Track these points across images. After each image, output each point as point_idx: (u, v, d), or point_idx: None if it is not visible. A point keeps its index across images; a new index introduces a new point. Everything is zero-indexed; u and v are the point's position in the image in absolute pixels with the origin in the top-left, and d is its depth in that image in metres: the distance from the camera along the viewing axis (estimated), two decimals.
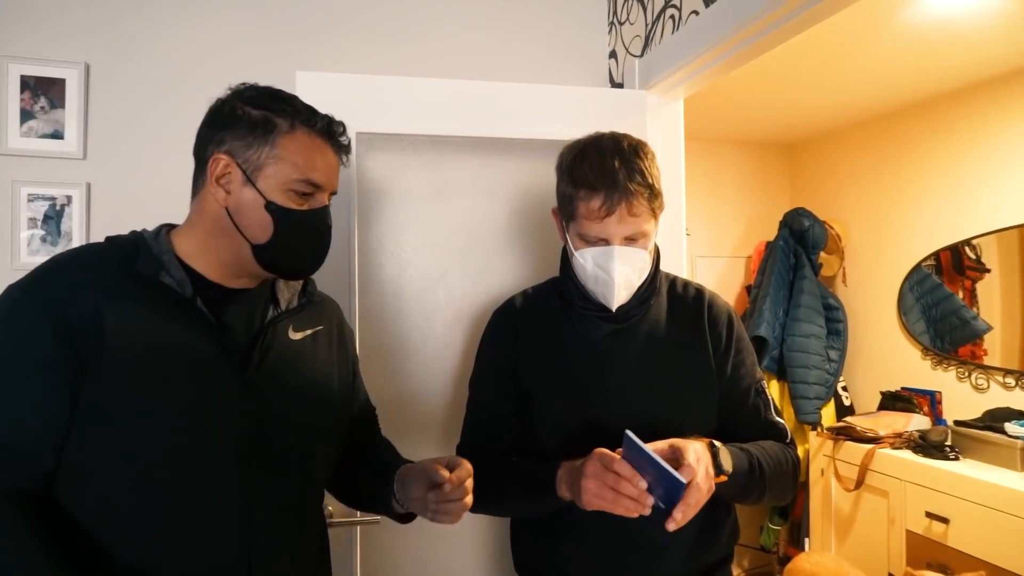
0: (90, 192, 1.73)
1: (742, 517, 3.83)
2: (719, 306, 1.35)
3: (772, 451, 1.24)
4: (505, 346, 1.36)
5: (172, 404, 0.97)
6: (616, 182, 1.16)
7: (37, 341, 0.91)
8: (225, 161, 1.02)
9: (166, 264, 1.02)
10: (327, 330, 1.20)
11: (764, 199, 3.94)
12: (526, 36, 2.03)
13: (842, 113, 3.41)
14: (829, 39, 2.46)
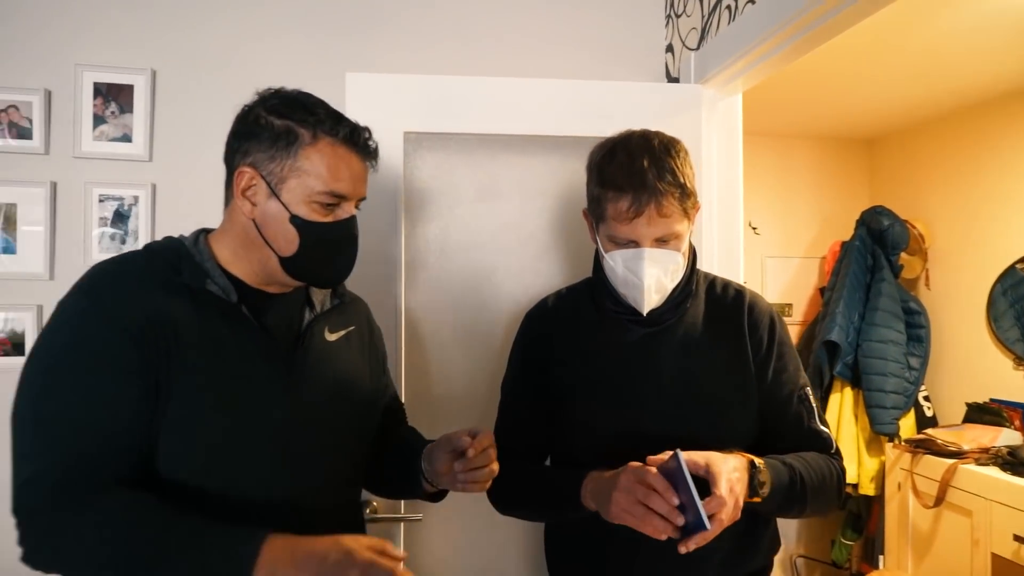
0: (155, 193, 1.80)
1: (813, 530, 3.68)
2: (760, 308, 1.29)
3: (816, 464, 1.17)
4: (536, 349, 1.34)
5: (224, 407, 0.99)
6: (645, 182, 1.12)
7: (115, 346, 0.94)
8: (250, 174, 1.03)
9: (210, 272, 1.04)
10: (358, 330, 1.22)
11: (840, 197, 3.75)
12: (580, 32, 1.99)
13: (928, 104, 3.20)
14: (911, 22, 2.30)
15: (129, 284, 0.99)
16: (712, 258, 1.78)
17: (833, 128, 3.64)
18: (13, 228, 1.74)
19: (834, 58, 2.66)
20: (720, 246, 1.80)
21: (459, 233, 1.74)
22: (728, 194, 1.82)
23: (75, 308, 0.98)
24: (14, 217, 1.74)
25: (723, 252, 1.80)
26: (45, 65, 1.76)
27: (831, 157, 3.78)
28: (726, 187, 1.81)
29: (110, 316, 0.95)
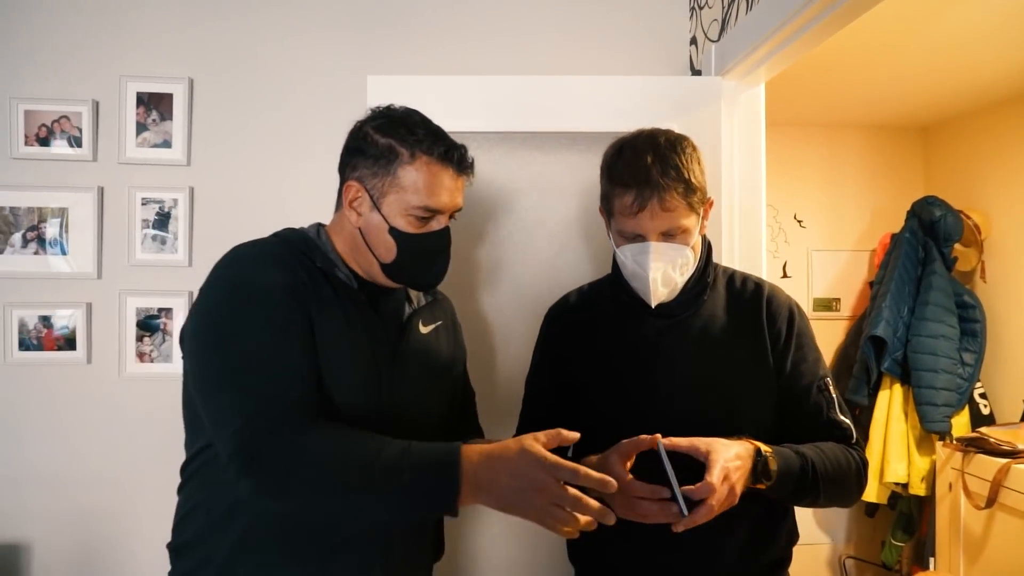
0: (193, 195, 1.90)
1: (863, 531, 3.58)
2: (779, 300, 1.29)
3: (832, 453, 1.17)
4: (556, 344, 1.38)
5: (347, 384, 1.09)
6: (648, 178, 1.16)
7: (286, 306, 1.04)
8: (356, 187, 1.14)
9: (335, 262, 1.16)
10: (445, 324, 1.33)
11: (893, 188, 3.61)
12: (604, 27, 1.99)
13: (985, 89, 3.05)
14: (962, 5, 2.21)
15: (278, 260, 1.10)
16: (733, 250, 1.76)
17: (885, 116, 3.51)
18: (66, 231, 1.87)
19: (882, 43, 2.57)
20: (742, 238, 1.77)
21: (476, 231, 1.77)
22: (750, 186, 1.79)
23: (240, 279, 1.07)
24: (67, 221, 1.87)
25: (744, 244, 1.77)
26: (92, 77, 1.88)
27: (883, 146, 3.65)
28: (748, 179, 1.79)
29: (274, 282, 1.05)
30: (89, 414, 1.88)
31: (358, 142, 1.15)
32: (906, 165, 3.65)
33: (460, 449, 0.94)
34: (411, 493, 0.93)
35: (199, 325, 1.07)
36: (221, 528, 1.08)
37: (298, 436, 0.95)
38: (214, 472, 1.08)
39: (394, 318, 1.21)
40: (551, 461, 0.91)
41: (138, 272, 1.89)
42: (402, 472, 0.92)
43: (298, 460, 0.93)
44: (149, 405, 1.88)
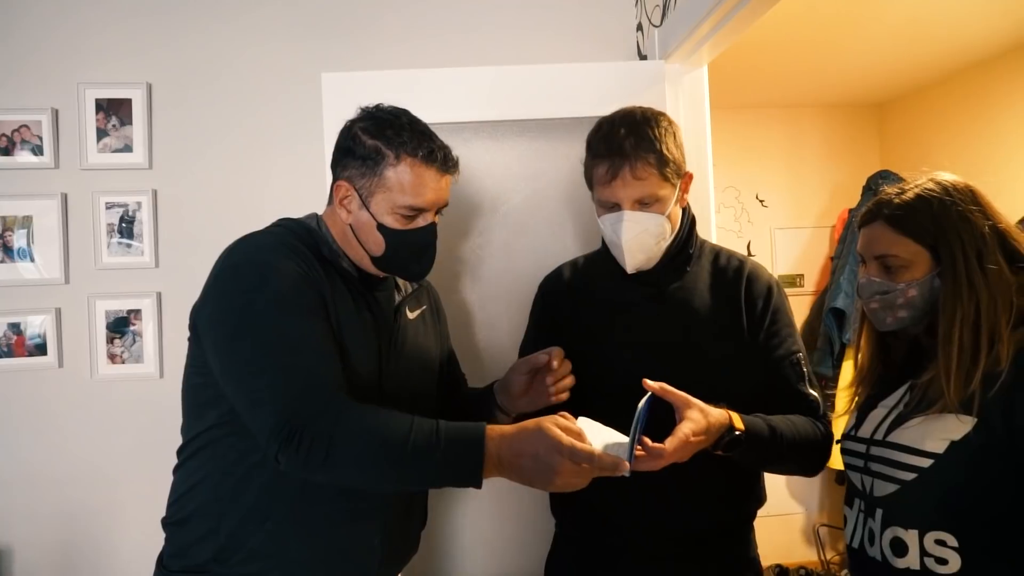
0: (156, 198, 1.94)
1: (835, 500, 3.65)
2: (759, 277, 1.37)
3: (800, 425, 1.25)
4: (550, 311, 1.47)
5: (358, 367, 1.16)
6: (622, 149, 1.25)
7: (309, 294, 1.11)
8: (346, 187, 1.20)
9: (338, 252, 1.23)
10: (429, 309, 1.41)
11: (850, 164, 3.71)
12: (554, 17, 2.04)
13: (933, 64, 3.16)
14: None
15: (294, 248, 1.15)
16: None
17: (841, 94, 3.61)
18: (32, 238, 1.90)
19: (834, 23, 2.65)
20: None
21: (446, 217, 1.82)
22: (696, 165, 1.83)
23: (263, 265, 1.11)
24: (32, 228, 1.90)
25: None
26: (50, 85, 1.91)
27: (839, 124, 3.75)
28: (694, 158, 1.84)
29: (295, 268, 1.11)
30: (63, 417, 1.91)
31: (347, 142, 1.20)
32: (862, 141, 3.75)
33: (485, 429, 1.01)
34: (442, 467, 1.00)
35: (224, 309, 1.11)
36: (229, 501, 1.14)
37: (340, 413, 1.01)
38: (221, 449, 1.15)
39: (388, 305, 1.28)
40: (567, 446, 0.97)
41: (105, 276, 1.92)
42: (435, 448, 0.99)
43: (342, 436, 0.99)
44: (123, 405, 1.91)
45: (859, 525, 1.17)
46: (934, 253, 1.10)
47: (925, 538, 1.05)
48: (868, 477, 1.15)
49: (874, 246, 1.15)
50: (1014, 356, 1.02)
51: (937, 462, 1.04)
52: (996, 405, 1.01)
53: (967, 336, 1.05)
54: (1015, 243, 1.10)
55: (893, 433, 1.12)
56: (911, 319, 1.14)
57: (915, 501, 1.07)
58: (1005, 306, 1.06)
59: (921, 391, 1.11)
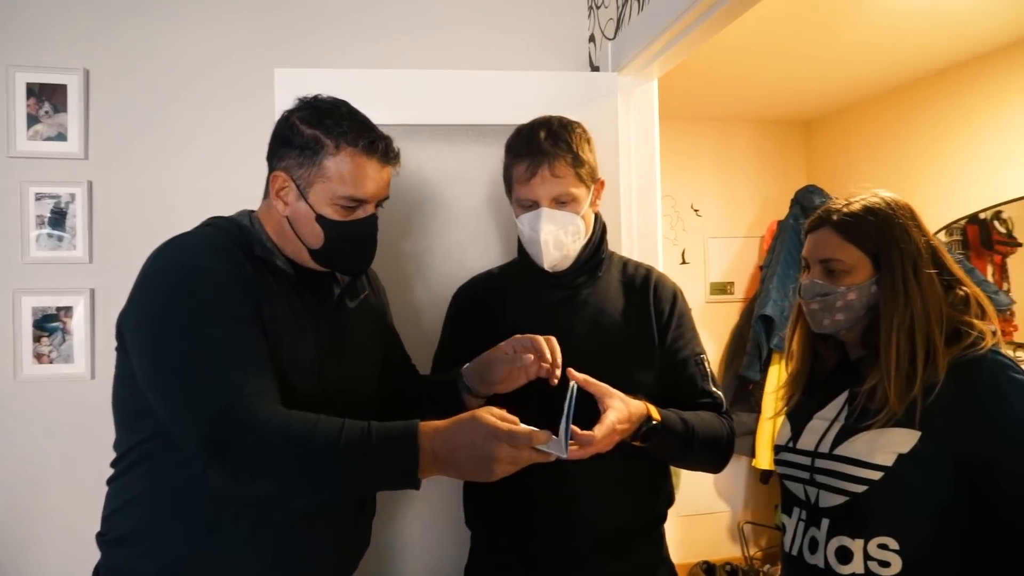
0: (91, 190, 1.85)
1: (759, 498, 3.81)
2: (665, 285, 1.44)
3: (708, 421, 1.30)
4: (467, 317, 1.49)
5: (298, 368, 1.12)
6: (541, 148, 1.31)
7: (238, 298, 1.06)
8: (283, 178, 1.16)
9: (272, 250, 1.18)
10: (370, 292, 1.37)
11: (779, 177, 3.89)
12: (509, 25, 2.07)
13: (859, 86, 3.35)
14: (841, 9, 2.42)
15: (222, 249, 1.10)
16: (632, 238, 1.88)
17: (771, 111, 3.78)
18: None
19: (766, 43, 2.78)
20: (639, 226, 1.89)
21: (388, 221, 1.80)
22: (645, 176, 1.91)
23: (188, 268, 1.06)
24: None
25: (641, 230, 1.90)
26: None
27: (769, 139, 3.92)
28: (643, 169, 1.91)
29: (222, 271, 1.06)
30: None
31: (285, 132, 1.16)
32: (790, 157, 3.94)
33: (418, 426, 0.98)
34: (376, 468, 0.98)
35: (147, 316, 1.06)
36: (171, 516, 1.09)
37: (265, 424, 0.96)
38: (159, 463, 1.09)
39: (327, 300, 1.25)
40: (505, 430, 0.97)
41: (33, 270, 1.82)
42: (367, 449, 0.96)
43: (269, 445, 0.96)
44: (51, 407, 1.82)
45: (799, 534, 1.20)
46: (875, 261, 1.16)
47: (869, 544, 1.09)
48: (813, 488, 1.18)
49: (820, 250, 1.21)
50: (948, 371, 1.07)
51: (887, 474, 1.08)
52: (939, 416, 1.06)
53: (903, 341, 1.11)
54: (944, 259, 1.17)
55: (840, 446, 1.15)
56: (847, 322, 1.19)
57: (865, 512, 1.11)
58: (937, 317, 1.11)
59: (863, 400, 1.15)
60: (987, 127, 2.91)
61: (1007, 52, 2.81)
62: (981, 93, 2.94)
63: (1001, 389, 1.05)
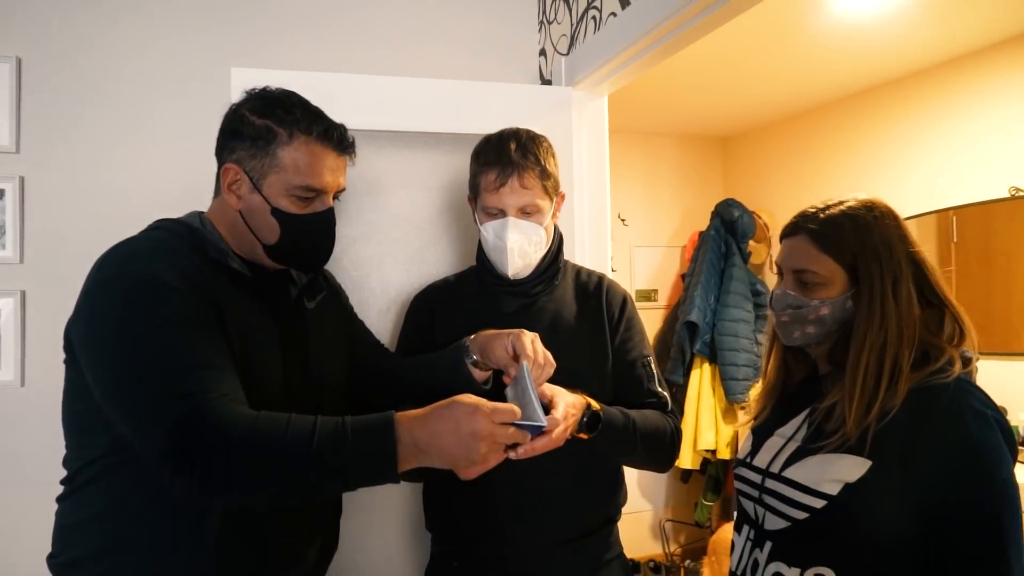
0: (23, 185, 1.74)
1: (679, 496, 3.98)
2: (615, 291, 1.52)
3: (652, 418, 1.37)
4: (425, 319, 1.51)
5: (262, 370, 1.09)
6: (511, 159, 1.35)
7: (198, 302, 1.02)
8: (234, 170, 1.12)
9: (225, 252, 1.13)
10: (328, 293, 1.35)
11: (699, 191, 4.10)
12: (462, 33, 2.10)
13: (773, 108, 3.59)
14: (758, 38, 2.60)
15: (174, 253, 1.06)
16: (584, 247, 1.96)
17: (692, 127, 3.98)
18: None
19: (691, 66, 2.94)
20: (590, 235, 1.97)
21: (347, 226, 1.80)
22: (596, 187, 1.99)
23: (140, 275, 1.01)
24: None
25: (593, 241, 1.97)
26: None
27: (691, 154, 4.13)
28: (594, 180, 1.99)
29: (175, 277, 1.01)
30: None
31: (234, 124, 1.13)
32: (709, 171, 4.16)
33: (394, 417, 0.95)
34: (353, 464, 0.94)
35: (99, 326, 1.00)
36: (134, 534, 1.04)
37: (233, 429, 0.92)
38: (119, 479, 1.04)
39: (286, 301, 1.22)
40: (490, 407, 0.96)
41: None
42: (340, 449, 0.92)
43: (237, 452, 0.91)
44: None
45: (745, 553, 1.16)
46: (852, 274, 1.08)
47: (806, 573, 1.03)
48: (761, 508, 1.13)
49: (793, 259, 1.14)
50: (907, 396, 1.00)
51: (830, 504, 1.01)
52: (892, 445, 0.99)
53: (873, 363, 1.03)
54: (927, 273, 1.09)
55: (789, 469, 1.09)
56: (816, 336, 1.13)
57: (804, 540, 1.05)
58: (909, 340, 1.04)
59: (820, 418, 1.08)
60: (882, 150, 3.19)
61: (901, 84, 3.09)
62: (877, 119, 3.23)
63: (962, 418, 0.96)
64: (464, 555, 1.42)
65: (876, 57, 2.86)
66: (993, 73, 2.73)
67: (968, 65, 2.83)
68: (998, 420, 0.98)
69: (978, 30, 2.58)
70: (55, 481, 1.09)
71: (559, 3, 2.05)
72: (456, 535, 1.44)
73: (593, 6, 1.85)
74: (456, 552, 1.44)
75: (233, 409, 0.95)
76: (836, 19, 2.44)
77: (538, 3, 2.17)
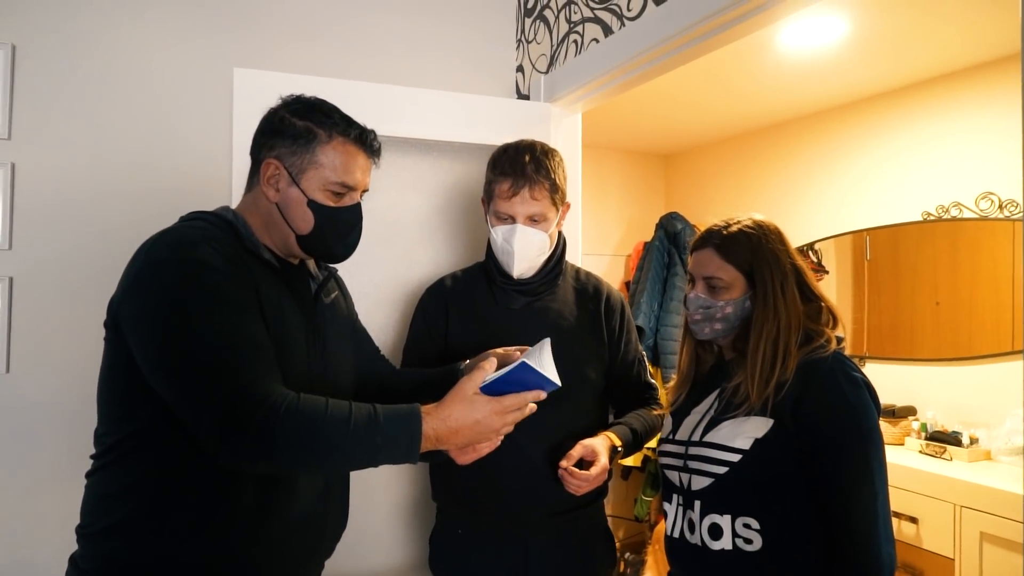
0: (14, 171, 1.75)
1: (618, 493, 4.16)
2: (615, 297, 1.70)
3: (648, 417, 1.61)
4: (439, 311, 1.64)
5: (291, 356, 1.17)
6: (524, 171, 1.50)
7: (242, 287, 1.12)
8: (275, 165, 1.22)
9: (258, 243, 1.23)
10: (338, 295, 1.45)
11: (643, 203, 4.33)
12: (442, 46, 2.22)
13: (712, 130, 3.86)
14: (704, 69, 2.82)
15: (219, 242, 1.14)
16: None
17: (639, 144, 4.21)
18: None
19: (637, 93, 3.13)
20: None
21: None
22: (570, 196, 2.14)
23: (192, 260, 1.09)
24: None
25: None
26: None
27: (636, 168, 4.36)
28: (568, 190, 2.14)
29: (224, 263, 1.11)
30: None
31: (275, 125, 1.23)
32: (652, 185, 4.40)
33: (420, 411, 1.10)
34: (382, 447, 1.06)
35: (153, 306, 1.07)
36: (173, 502, 1.11)
37: (281, 401, 1.02)
38: (153, 454, 1.11)
39: (307, 294, 1.31)
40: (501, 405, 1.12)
41: None
42: (374, 433, 1.06)
43: (284, 426, 1.01)
44: None
45: (679, 517, 1.35)
46: (749, 279, 1.32)
47: (736, 522, 1.24)
48: (686, 474, 1.33)
49: (703, 268, 1.36)
50: (797, 369, 1.25)
51: (744, 456, 1.24)
52: (786, 406, 1.23)
53: (768, 349, 1.27)
54: (805, 278, 1.35)
55: (708, 434, 1.31)
56: (723, 331, 1.35)
57: (728, 490, 1.26)
58: (796, 327, 1.28)
59: (729, 394, 1.31)
60: (810, 172, 3.50)
61: (834, 112, 3.41)
62: (803, 145, 3.54)
63: (837, 381, 1.22)
64: (467, 522, 1.57)
65: (806, 89, 3.15)
66: (910, 108, 3.06)
67: (888, 100, 3.16)
68: (864, 382, 1.25)
69: (898, 71, 2.89)
70: (41, 466, 1.12)
71: (539, 24, 2.20)
72: (460, 504, 1.60)
73: (575, 31, 2.01)
74: (460, 519, 1.59)
75: (278, 387, 1.05)
76: (775, 56, 2.69)
77: (517, 22, 2.32)
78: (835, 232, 3.37)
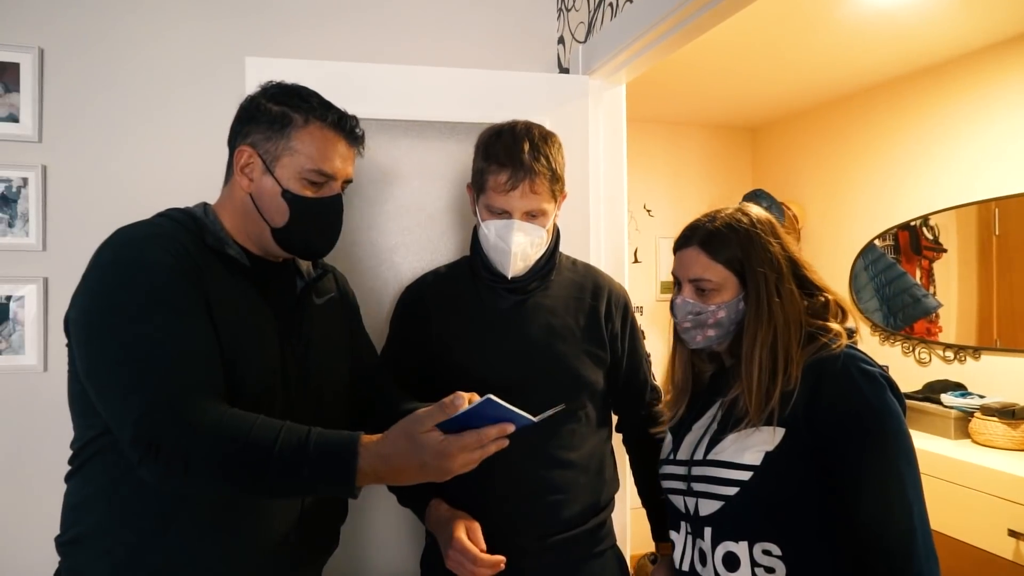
0: (46, 174, 1.78)
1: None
2: (617, 294, 1.52)
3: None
4: (420, 313, 1.48)
5: (247, 364, 1.08)
6: (523, 161, 1.32)
7: (183, 287, 1.03)
8: (248, 152, 1.14)
9: (225, 239, 1.14)
10: (334, 298, 1.34)
11: (727, 181, 4.03)
12: (479, 22, 2.08)
13: (803, 95, 3.50)
14: (786, 23, 2.53)
15: (168, 239, 1.06)
16: (600, 238, 1.93)
17: (719, 117, 3.90)
18: None
19: (718, 53, 2.88)
20: (606, 226, 1.94)
21: (361, 214, 1.80)
22: (613, 178, 1.96)
23: (130, 260, 1.03)
24: None
25: (609, 232, 1.94)
26: None
27: (719, 144, 4.05)
28: (611, 171, 1.96)
29: (165, 262, 1.03)
30: None
31: (250, 112, 1.16)
32: (737, 161, 4.08)
33: (359, 443, 0.97)
34: (308, 480, 0.96)
35: (86, 309, 1.02)
36: (126, 512, 1.05)
37: (199, 421, 0.94)
38: (112, 456, 1.05)
39: (288, 293, 1.22)
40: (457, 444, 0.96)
41: None
42: (301, 460, 0.95)
43: (198, 447, 0.93)
44: (0, 401, 1.74)
45: (688, 548, 1.19)
46: (741, 278, 1.17)
47: (754, 549, 1.08)
48: (692, 498, 1.18)
49: (689, 270, 1.20)
50: (803, 372, 1.09)
51: (756, 473, 1.08)
52: (798, 414, 1.07)
53: (766, 357, 1.11)
54: (805, 271, 1.19)
55: (712, 451, 1.16)
56: (717, 337, 1.20)
57: (741, 513, 1.10)
58: (796, 328, 1.13)
59: (728, 407, 1.17)
60: (919, 140, 3.09)
61: (943, 68, 2.98)
62: (914, 107, 3.12)
63: (852, 379, 1.07)
64: None
65: (913, 42, 2.76)
66: None
67: (1011, 51, 2.72)
68: (884, 376, 1.09)
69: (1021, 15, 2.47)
70: None
71: None
72: None
73: None
74: None
75: (201, 401, 0.96)
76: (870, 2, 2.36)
77: None
78: (954, 203, 2.96)
